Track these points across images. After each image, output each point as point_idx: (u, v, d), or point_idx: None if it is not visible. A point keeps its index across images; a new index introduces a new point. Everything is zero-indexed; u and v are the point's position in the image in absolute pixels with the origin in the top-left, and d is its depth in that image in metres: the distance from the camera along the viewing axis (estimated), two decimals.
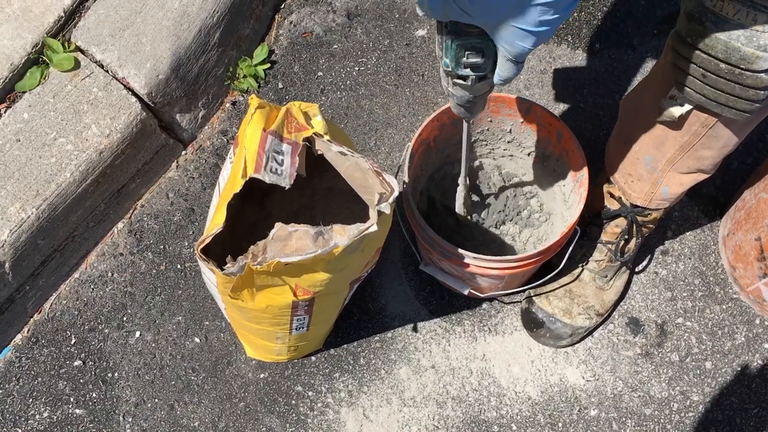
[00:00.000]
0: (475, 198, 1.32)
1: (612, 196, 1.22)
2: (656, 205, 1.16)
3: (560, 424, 1.26)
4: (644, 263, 1.37)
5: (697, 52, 0.83)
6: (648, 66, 1.52)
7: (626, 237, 1.24)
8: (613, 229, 1.24)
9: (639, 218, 1.21)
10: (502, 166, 1.34)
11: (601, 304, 1.27)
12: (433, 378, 1.29)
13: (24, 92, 1.28)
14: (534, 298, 1.28)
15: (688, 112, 0.95)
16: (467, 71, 0.80)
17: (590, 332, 1.31)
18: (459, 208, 1.22)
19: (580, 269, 1.27)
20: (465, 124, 1.02)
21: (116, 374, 1.29)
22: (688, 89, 0.89)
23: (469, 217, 1.26)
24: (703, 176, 1.08)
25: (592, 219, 1.26)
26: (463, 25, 0.74)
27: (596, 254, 1.26)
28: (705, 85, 0.86)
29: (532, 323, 1.28)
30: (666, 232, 1.39)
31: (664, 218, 1.37)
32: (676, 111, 0.95)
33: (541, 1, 0.65)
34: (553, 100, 1.50)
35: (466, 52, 0.77)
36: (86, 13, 1.32)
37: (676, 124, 0.99)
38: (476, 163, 1.33)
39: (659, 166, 1.08)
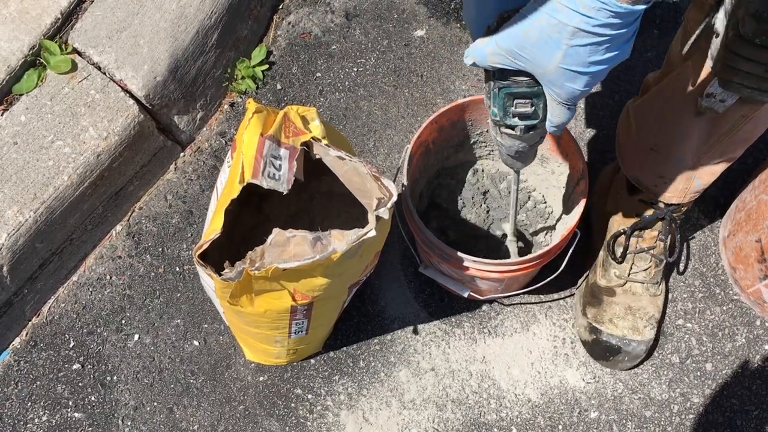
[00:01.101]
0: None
1: (642, 202, 1.21)
2: (690, 198, 1.15)
3: (560, 427, 1.26)
4: None
5: (765, 50, 0.81)
6: (648, 67, 1.51)
7: (667, 237, 1.22)
8: (650, 235, 1.23)
9: (674, 214, 1.20)
10: (501, 168, 1.33)
11: (657, 310, 1.26)
12: (432, 380, 1.29)
13: (21, 95, 1.27)
14: (597, 326, 1.25)
15: (730, 107, 0.94)
16: (516, 120, 0.78)
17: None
18: (514, 256, 1.22)
19: (630, 284, 1.26)
20: (514, 175, 1.00)
21: (115, 377, 1.29)
22: (741, 86, 0.86)
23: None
24: (730, 163, 1.08)
25: (628, 233, 1.23)
26: (511, 72, 0.72)
27: (642, 264, 1.24)
28: (763, 79, 0.83)
29: (607, 352, 1.25)
30: None
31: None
32: (719, 107, 0.94)
33: (589, 41, 0.63)
34: None
35: (515, 101, 0.76)
36: (83, 14, 1.32)
37: (713, 120, 0.98)
38: (477, 166, 1.33)
39: (691, 162, 1.07)
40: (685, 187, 1.12)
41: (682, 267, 1.36)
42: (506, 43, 0.69)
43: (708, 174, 1.09)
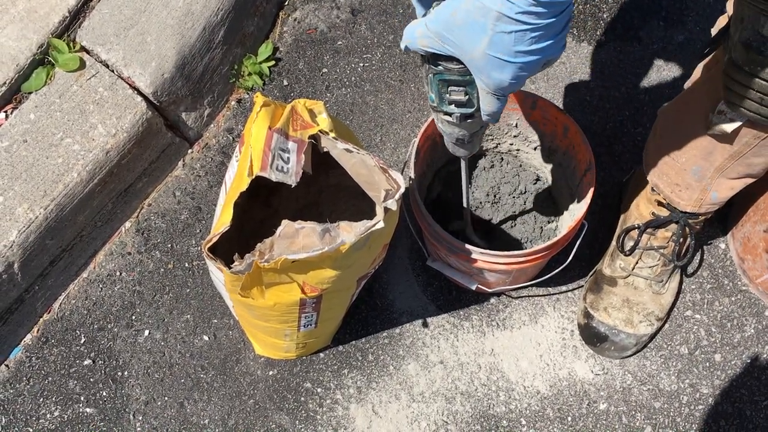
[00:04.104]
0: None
1: (660, 204, 1.21)
2: (706, 209, 1.15)
3: (569, 418, 1.26)
4: None
5: (756, 79, 0.81)
6: (654, 59, 1.51)
7: (680, 240, 1.22)
8: (663, 234, 1.23)
9: (690, 221, 1.20)
10: (509, 161, 1.33)
11: (660, 309, 1.27)
12: (441, 373, 1.29)
13: (30, 93, 1.28)
14: (591, 311, 1.27)
15: (740, 127, 0.93)
16: (452, 108, 0.78)
17: (652, 338, 1.30)
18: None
19: (633, 278, 1.27)
20: (462, 163, 0.99)
21: (126, 373, 1.30)
22: (743, 109, 0.87)
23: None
24: (752, 180, 1.07)
25: (642, 229, 1.23)
26: (444, 58, 0.71)
27: (648, 261, 1.25)
28: (762, 106, 0.84)
29: (595, 338, 1.27)
30: None
31: None
32: (727, 126, 0.93)
33: (513, 28, 0.61)
34: (559, 94, 1.50)
35: (449, 88, 0.75)
36: (91, 12, 1.32)
37: (727, 137, 0.97)
38: (484, 159, 1.33)
39: (708, 174, 1.06)
40: (701, 197, 1.12)
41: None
42: (435, 25, 0.68)
43: (726, 188, 1.09)
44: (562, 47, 0.67)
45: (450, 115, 0.80)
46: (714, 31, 1.01)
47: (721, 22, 1.02)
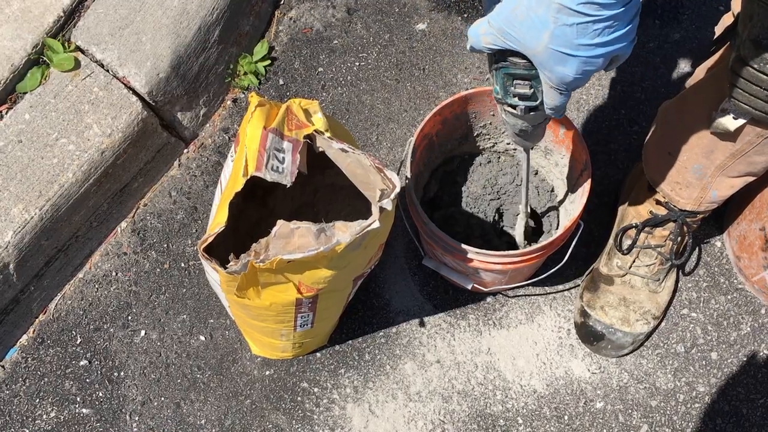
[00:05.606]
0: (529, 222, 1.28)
1: (658, 202, 1.21)
2: (705, 207, 1.15)
3: (566, 417, 1.26)
4: None
5: (764, 76, 0.81)
6: (650, 57, 1.51)
7: (678, 239, 1.22)
8: (660, 233, 1.23)
9: (688, 220, 1.20)
10: (506, 159, 1.33)
11: (657, 307, 1.27)
12: (438, 372, 1.29)
13: (25, 93, 1.28)
14: (588, 310, 1.27)
15: (744, 125, 0.93)
16: (516, 100, 0.78)
17: (649, 336, 1.30)
18: (519, 238, 1.22)
19: (629, 276, 1.27)
20: (524, 154, 1.01)
21: (122, 373, 1.30)
22: (748, 107, 0.87)
23: (525, 242, 1.24)
24: (752, 178, 1.07)
25: (639, 227, 1.23)
26: (510, 53, 0.71)
27: (646, 259, 1.25)
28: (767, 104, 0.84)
29: (592, 336, 1.27)
30: None
31: None
32: (731, 124, 0.93)
33: (575, 20, 0.60)
34: None
35: (514, 81, 0.75)
36: (85, 12, 1.32)
37: (729, 135, 0.97)
38: (481, 158, 1.33)
39: (708, 172, 1.06)
40: (700, 196, 1.12)
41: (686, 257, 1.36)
42: (497, 21, 0.68)
43: (726, 187, 1.09)
44: (630, 42, 0.65)
45: (514, 107, 0.80)
46: (719, 30, 1.01)
47: (726, 20, 1.02)
